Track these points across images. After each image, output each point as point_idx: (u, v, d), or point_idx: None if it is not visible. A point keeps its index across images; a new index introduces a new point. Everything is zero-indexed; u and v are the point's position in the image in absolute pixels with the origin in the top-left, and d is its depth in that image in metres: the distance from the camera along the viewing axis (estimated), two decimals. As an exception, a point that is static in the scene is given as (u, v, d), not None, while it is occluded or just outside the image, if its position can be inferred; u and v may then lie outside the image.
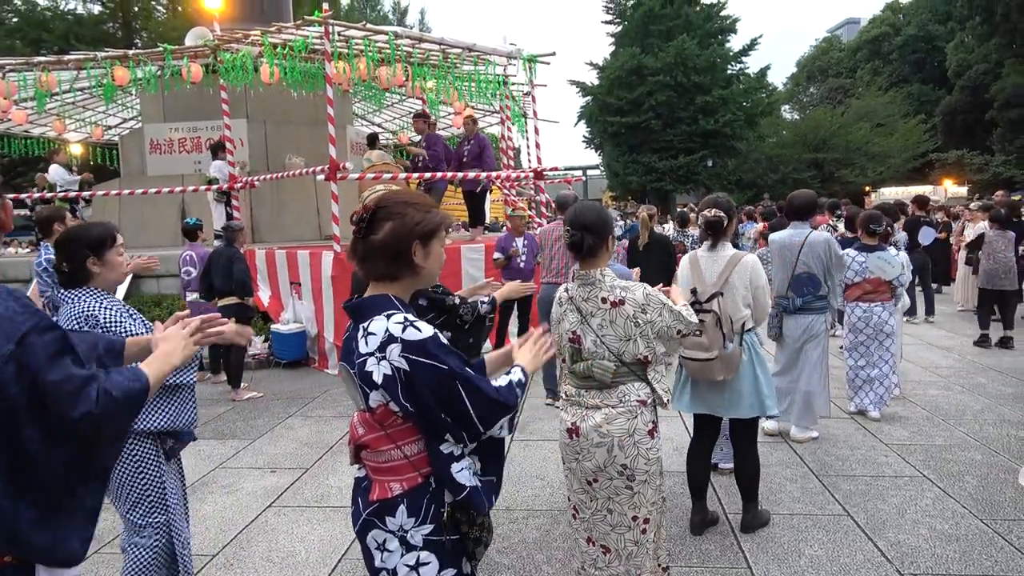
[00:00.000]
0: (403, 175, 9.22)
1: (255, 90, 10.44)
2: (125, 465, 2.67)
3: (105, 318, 2.58)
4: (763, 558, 3.47)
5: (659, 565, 2.78)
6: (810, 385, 4.98)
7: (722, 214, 3.56)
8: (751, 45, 35.69)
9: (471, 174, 9.50)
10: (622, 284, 2.58)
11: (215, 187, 10.12)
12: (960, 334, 8.97)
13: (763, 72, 36.42)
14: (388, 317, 1.69)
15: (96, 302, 2.61)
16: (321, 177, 8.43)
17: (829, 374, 5.12)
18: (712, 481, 4.30)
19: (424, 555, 1.75)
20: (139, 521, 2.70)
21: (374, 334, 1.68)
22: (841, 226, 9.03)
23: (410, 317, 1.71)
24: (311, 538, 3.86)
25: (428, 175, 9.27)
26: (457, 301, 3.31)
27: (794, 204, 5.08)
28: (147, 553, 2.70)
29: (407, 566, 1.74)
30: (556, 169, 13.18)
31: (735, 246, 3.82)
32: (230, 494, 4.56)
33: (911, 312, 9.56)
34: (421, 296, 3.19)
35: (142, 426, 2.65)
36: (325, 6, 8.44)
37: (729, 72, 34.96)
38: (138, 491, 2.68)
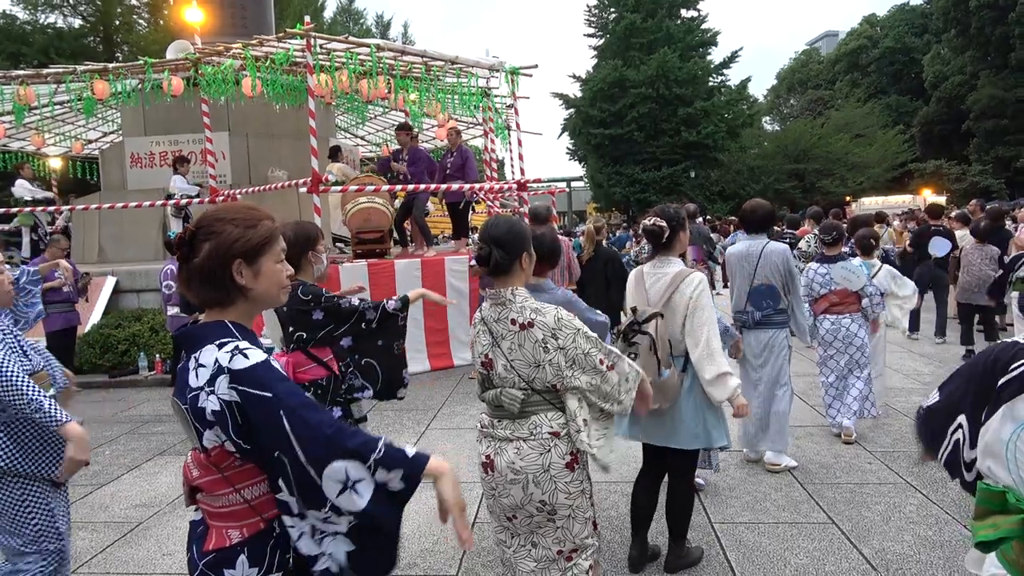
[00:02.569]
0: (386, 188, 9.22)
1: (237, 103, 10.41)
2: (6, 503, 2.57)
3: None
4: (749, 567, 3.46)
5: None
6: (780, 405, 4.74)
7: (663, 223, 3.27)
8: (732, 57, 36.13)
9: (454, 186, 9.52)
10: (533, 305, 2.36)
11: (172, 202, 10.07)
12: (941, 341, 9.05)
13: (744, 84, 36.85)
14: (220, 347, 1.51)
15: None
16: (304, 190, 8.40)
17: (793, 390, 4.93)
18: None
19: None
20: (24, 548, 2.60)
21: (204, 366, 1.50)
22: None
23: (242, 345, 1.52)
24: (293, 554, 3.79)
25: (411, 187, 9.27)
26: (356, 302, 3.19)
27: (758, 215, 4.80)
28: None
29: None
30: (539, 181, 13.25)
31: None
32: (211, 511, 4.49)
33: (913, 327, 9.14)
34: (316, 309, 3.09)
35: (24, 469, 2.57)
36: (307, 19, 8.43)
37: (710, 84, 35.32)
38: (23, 520, 2.59)
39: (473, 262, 7.08)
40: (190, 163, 10.50)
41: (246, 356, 1.50)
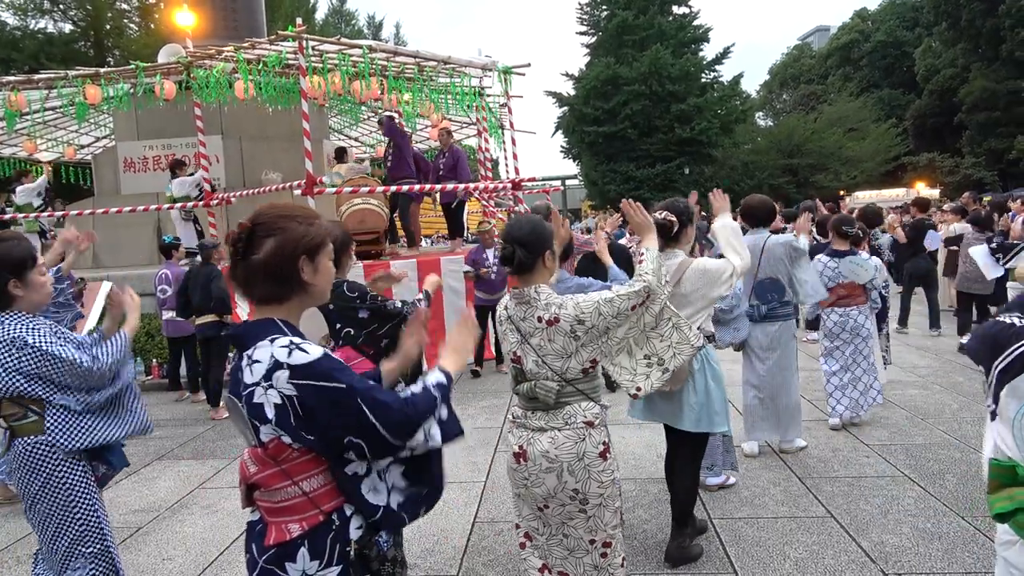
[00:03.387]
0: (380, 188, 9.20)
1: (229, 106, 10.37)
2: (54, 492, 2.57)
3: (35, 340, 2.51)
4: (749, 562, 3.47)
5: None
6: (793, 397, 4.84)
7: (673, 218, 3.41)
8: (724, 53, 36.16)
9: (448, 187, 9.51)
10: (557, 301, 2.44)
11: (190, 205, 10.00)
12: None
13: (736, 80, 36.88)
14: (272, 342, 1.56)
15: (23, 326, 2.54)
16: (298, 192, 8.39)
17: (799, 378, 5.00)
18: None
19: None
20: (71, 551, 2.61)
21: (259, 362, 1.54)
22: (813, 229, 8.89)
23: (296, 340, 1.58)
24: (294, 557, 3.79)
25: (406, 188, 9.26)
26: (399, 304, 3.24)
27: (764, 210, 4.90)
28: None
29: None
30: (534, 180, 13.23)
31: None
32: (210, 514, 4.49)
33: (902, 322, 9.32)
34: (362, 308, 3.14)
35: (77, 444, 2.60)
36: (299, 21, 8.41)
37: (703, 80, 35.34)
38: (69, 520, 2.60)
39: (467, 267, 7.13)
40: (186, 166, 10.45)
41: (305, 351, 1.55)
